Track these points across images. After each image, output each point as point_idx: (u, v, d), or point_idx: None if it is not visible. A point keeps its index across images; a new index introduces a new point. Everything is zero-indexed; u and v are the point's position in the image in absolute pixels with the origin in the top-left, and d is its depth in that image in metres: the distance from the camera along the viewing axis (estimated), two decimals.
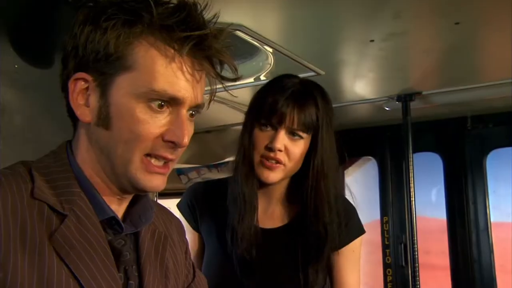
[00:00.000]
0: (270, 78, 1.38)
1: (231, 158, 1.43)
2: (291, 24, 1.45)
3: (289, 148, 1.25)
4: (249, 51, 1.66)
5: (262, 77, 1.78)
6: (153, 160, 0.78)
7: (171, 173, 0.87)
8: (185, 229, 1.42)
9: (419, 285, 2.17)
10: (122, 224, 0.81)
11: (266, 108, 1.26)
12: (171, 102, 0.76)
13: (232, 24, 1.36)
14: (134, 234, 0.86)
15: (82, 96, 0.77)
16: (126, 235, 0.83)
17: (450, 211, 2.58)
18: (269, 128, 1.26)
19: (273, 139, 1.24)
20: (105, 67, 0.75)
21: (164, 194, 2.68)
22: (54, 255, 0.71)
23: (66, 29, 0.81)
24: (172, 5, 0.76)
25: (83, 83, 0.77)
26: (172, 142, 0.77)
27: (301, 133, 1.25)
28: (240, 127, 1.36)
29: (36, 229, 0.71)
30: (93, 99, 0.77)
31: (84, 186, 0.79)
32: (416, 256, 2.17)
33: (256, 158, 1.26)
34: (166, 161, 0.79)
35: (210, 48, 0.77)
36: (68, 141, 0.84)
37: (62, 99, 0.83)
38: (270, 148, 1.24)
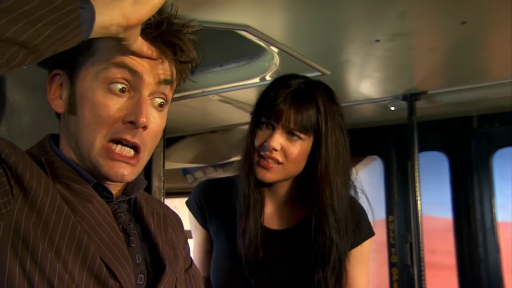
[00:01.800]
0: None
1: (237, 158, 1.44)
2: (296, 24, 1.45)
3: (286, 148, 1.23)
4: (254, 51, 1.66)
5: (267, 77, 1.79)
6: (117, 148, 0.80)
7: (177, 172, 0.90)
8: (194, 227, 1.43)
9: (425, 284, 2.17)
10: (108, 187, 0.84)
11: (266, 106, 1.25)
12: (132, 83, 0.79)
13: (237, 25, 1.37)
14: (136, 212, 0.90)
15: (58, 91, 0.84)
16: (119, 202, 0.87)
17: (456, 211, 2.57)
18: (268, 127, 1.25)
19: (269, 137, 1.23)
20: (74, 59, 0.81)
21: (171, 193, 2.69)
22: (59, 197, 0.76)
23: None
24: None
25: (58, 78, 0.83)
26: (131, 123, 0.78)
27: (298, 134, 1.23)
28: (245, 127, 1.37)
29: (51, 183, 0.77)
30: (65, 90, 0.83)
31: (66, 163, 0.83)
32: (422, 255, 2.16)
33: (255, 157, 1.26)
34: (133, 147, 0.81)
35: (167, 33, 0.80)
36: (51, 134, 0.89)
37: None
38: (265, 147, 1.23)
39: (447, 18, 1.40)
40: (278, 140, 1.22)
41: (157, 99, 0.83)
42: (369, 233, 1.37)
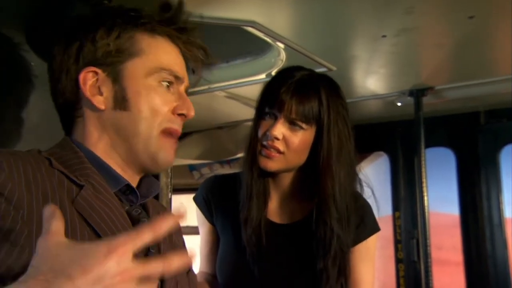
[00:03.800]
0: None
1: (243, 154, 1.45)
2: (303, 20, 1.45)
3: (288, 138, 1.23)
4: (261, 47, 1.66)
5: (273, 73, 1.78)
6: (168, 136, 0.88)
7: (183, 169, 0.93)
8: (201, 222, 1.44)
9: (432, 280, 2.17)
10: (137, 191, 0.87)
11: (269, 96, 1.26)
12: (174, 82, 0.89)
13: (244, 21, 1.37)
14: (144, 211, 0.91)
15: (94, 87, 0.85)
16: (139, 206, 0.89)
17: (463, 207, 2.56)
18: (271, 117, 1.26)
19: (271, 126, 1.24)
20: (114, 58, 0.85)
21: (177, 190, 2.70)
22: (77, 217, 0.76)
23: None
24: (162, 3, 0.91)
25: (92, 75, 0.85)
26: (182, 115, 0.89)
27: (300, 123, 1.23)
28: (251, 123, 1.37)
29: (57, 195, 0.76)
30: (106, 88, 0.85)
31: (94, 162, 0.84)
32: (429, 251, 2.16)
33: (258, 146, 1.27)
34: (175, 135, 0.90)
35: (196, 37, 0.93)
36: (68, 135, 0.90)
37: None
38: (268, 136, 1.24)
39: (454, 13, 1.40)
40: (280, 129, 1.23)
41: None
42: (375, 228, 1.36)
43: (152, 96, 0.86)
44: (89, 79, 0.85)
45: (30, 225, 0.70)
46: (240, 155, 2.89)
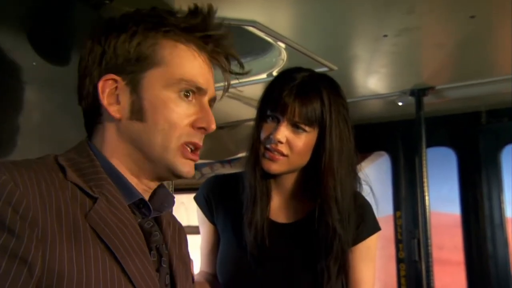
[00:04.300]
0: None
1: (243, 154, 1.45)
2: (304, 19, 1.45)
3: (291, 141, 1.24)
4: (262, 47, 1.66)
5: (274, 73, 1.79)
6: (187, 148, 0.85)
7: None
8: (202, 221, 1.44)
9: (433, 280, 2.17)
10: (150, 205, 0.85)
11: (271, 99, 1.26)
12: (196, 93, 0.85)
13: (245, 20, 1.37)
14: (156, 223, 0.90)
15: (112, 96, 0.83)
16: (152, 219, 0.88)
17: (464, 206, 2.56)
18: (273, 120, 1.26)
19: (274, 130, 1.24)
20: (135, 66, 0.82)
21: (179, 189, 2.71)
22: (90, 233, 0.75)
23: (83, 27, 0.84)
24: (190, 9, 0.86)
25: (111, 82, 0.83)
26: (203, 128, 0.85)
27: (303, 126, 1.24)
28: (251, 123, 1.37)
29: (70, 209, 0.75)
30: (124, 97, 0.83)
31: (110, 173, 0.83)
32: (430, 251, 2.16)
33: (261, 149, 1.27)
34: (196, 148, 0.87)
35: (224, 46, 0.87)
36: (87, 140, 0.88)
37: None
38: (271, 140, 1.24)
39: (455, 13, 1.40)
40: (284, 133, 1.23)
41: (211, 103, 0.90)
42: (375, 228, 1.37)
43: (170, 109, 0.82)
44: (108, 87, 0.83)
45: (44, 243, 0.69)
46: (241, 154, 2.90)
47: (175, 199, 0.93)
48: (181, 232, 0.97)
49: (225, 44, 0.87)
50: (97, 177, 0.81)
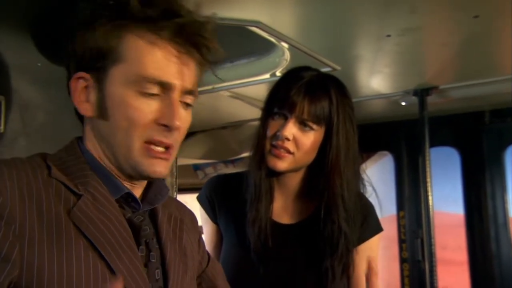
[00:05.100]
0: None
1: (247, 154, 1.44)
2: (307, 19, 1.45)
3: (298, 138, 1.24)
4: (265, 47, 1.67)
5: (278, 73, 1.79)
6: (152, 146, 0.81)
7: (188, 168, 0.89)
8: (205, 221, 1.44)
9: (436, 280, 2.16)
10: (138, 199, 0.85)
11: (279, 97, 1.26)
12: (162, 88, 0.80)
13: (248, 21, 1.37)
14: (152, 216, 0.89)
15: (84, 94, 0.83)
16: (144, 212, 0.87)
17: (468, 206, 2.55)
18: (281, 117, 1.26)
19: (282, 127, 1.24)
20: (99, 63, 0.80)
21: (182, 189, 2.71)
22: (73, 229, 0.74)
23: None
24: None
25: (82, 81, 0.82)
26: (165, 126, 0.80)
27: (311, 124, 1.24)
28: (255, 123, 1.38)
29: (53, 206, 0.74)
30: (92, 95, 0.82)
31: (96, 170, 0.83)
32: (433, 250, 2.16)
33: (267, 146, 1.27)
34: (166, 146, 0.82)
35: (190, 33, 0.81)
36: (78, 137, 0.88)
37: None
38: (278, 136, 1.24)
39: (459, 12, 1.40)
40: (291, 130, 1.23)
41: (185, 99, 0.84)
42: (378, 228, 1.37)
43: (130, 106, 0.79)
44: (79, 85, 0.82)
45: (21, 239, 0.69)
46: (244, 154, 2.90)
47: (169, 190, 0.92)
48: (183, 224, 0.96)
49: (190, 31, 0.80)
50: (82, 174, 0.80)
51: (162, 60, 0.79)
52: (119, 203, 0.83)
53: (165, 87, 0.80)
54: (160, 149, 0.82)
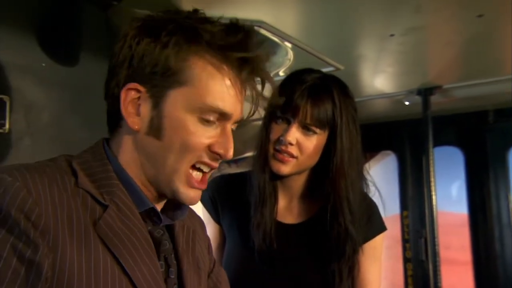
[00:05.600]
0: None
1: (250, 154, 1.44)
2: (310, 19, 1.45)
3: (302, 143, 1.24)
4: (268, 47, 1.67)
5: (281, 73, 1.79)
6: (194, 173, 0.82)
7: None
8: (207, 221, 1.44)
9: (440, 279, 2.16)
10: (161, 214, 0.84)
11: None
12: (220, 117, 0.81)
13: (252, 20, 1.37)
14: (168, 228, 0.89)
15: (133, 105, 0.80)
16: (163, 226, 0.87)
17: (472, 206, 2.55)
18: (284, 121, 1.26)
19: (285, 132, 1.24)
20: (160, 80, 0.78)
21: None
22: (99, 242, 0.74)
23: (91, 28, 0.83)
24: (227, 24, 0.80)
25: (134, 93, 0.79)
26: (218, 154, 0.82)
27: (314, 128, 1.24)
28: (259, 123, 1.37)
29: (81, 217, 0.74)
30: (145, 109, 0.80)
31: (123, 180, 0.82)
32: (437, 250, 2.15)
33: (270, 150, 1.27)
34: (209, 168, 0.83)
35: (260, 70, 0.82)
36: (104, 139, 0.86)
37: (88, 97, 0.87)
38: (281, 141, 1.24)
39: (463, 12, 1.39)
40: (294, 134, 1.23)
41: (232, 126, 0.86)
42: (381, 228, 1.37)
43: (189, 132, 0.79)
44: (131, 97, 0.80)
45: (55, 251, 0.70)
46: (247, 154, 2.90)
47: (188, 207, 0.91)
48: (195, 234, 0.96)
49: (262, 68, 0.82)
50: (109, 183, 0.80)
51: (227, 90, 0.80)
52: (141, 216, 0.82)
53: (224, 116, 0.81)
54: (199, 175, 0.83)
